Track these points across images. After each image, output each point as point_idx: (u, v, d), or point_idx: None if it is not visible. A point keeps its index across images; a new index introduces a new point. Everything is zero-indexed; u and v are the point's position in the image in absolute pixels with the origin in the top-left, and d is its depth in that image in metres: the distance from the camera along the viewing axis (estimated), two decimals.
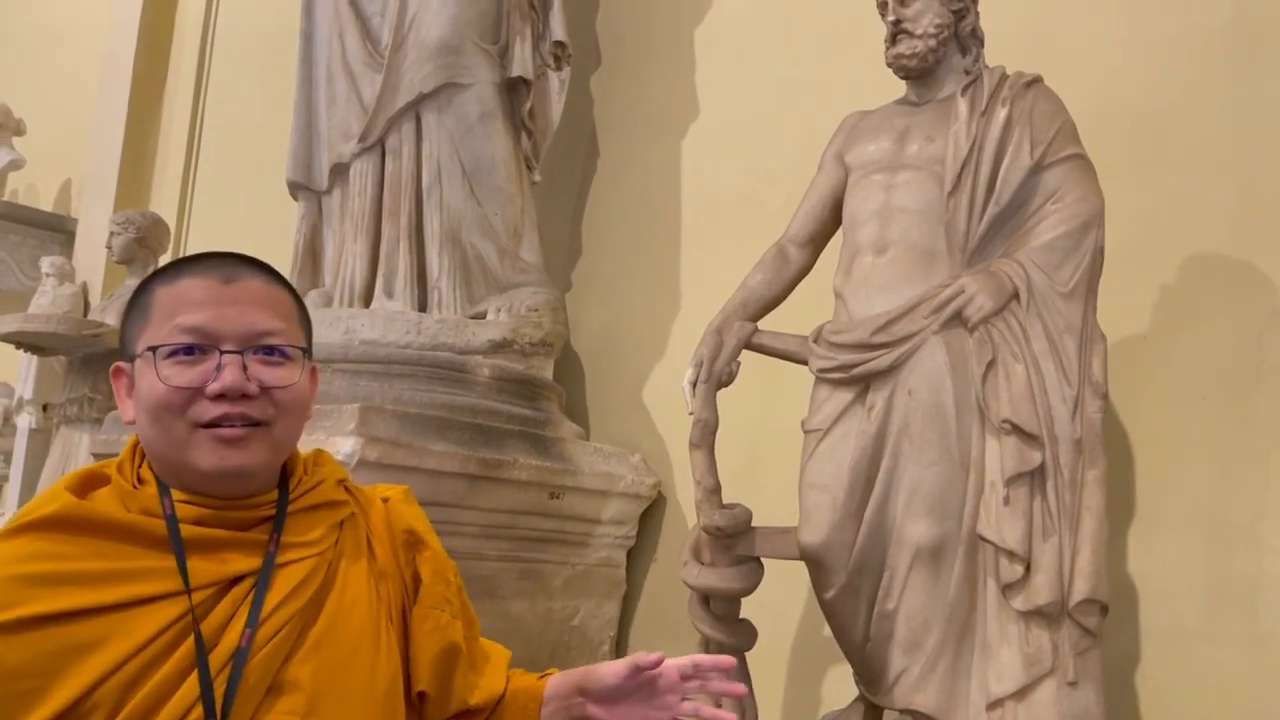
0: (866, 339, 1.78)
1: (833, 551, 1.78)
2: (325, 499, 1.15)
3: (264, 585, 1.06)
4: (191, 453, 1.05)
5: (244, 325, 1.07)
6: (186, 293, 1.08)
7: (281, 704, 1.04)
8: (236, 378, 1.04)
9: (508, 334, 2.63)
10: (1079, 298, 1.73)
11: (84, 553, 1.02)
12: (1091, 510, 1.68)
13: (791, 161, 2.39)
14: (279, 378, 1.08)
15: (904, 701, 1.75)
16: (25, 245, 4.77)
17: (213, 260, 1.11)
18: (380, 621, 1.12)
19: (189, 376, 1.05)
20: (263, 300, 1.09)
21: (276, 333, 1.08)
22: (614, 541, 2.67)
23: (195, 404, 1.04)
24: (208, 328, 1.06)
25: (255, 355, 1.07)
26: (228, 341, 1.06)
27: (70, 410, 3.47)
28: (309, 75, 2.82)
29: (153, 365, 1.05)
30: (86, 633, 0.99)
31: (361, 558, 1.14)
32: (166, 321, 1.06)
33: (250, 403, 1.06)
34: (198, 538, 1.06)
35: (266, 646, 1.04)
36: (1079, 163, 1.79)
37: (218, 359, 1.05)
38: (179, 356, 1.05)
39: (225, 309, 1.07)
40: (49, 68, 5.39)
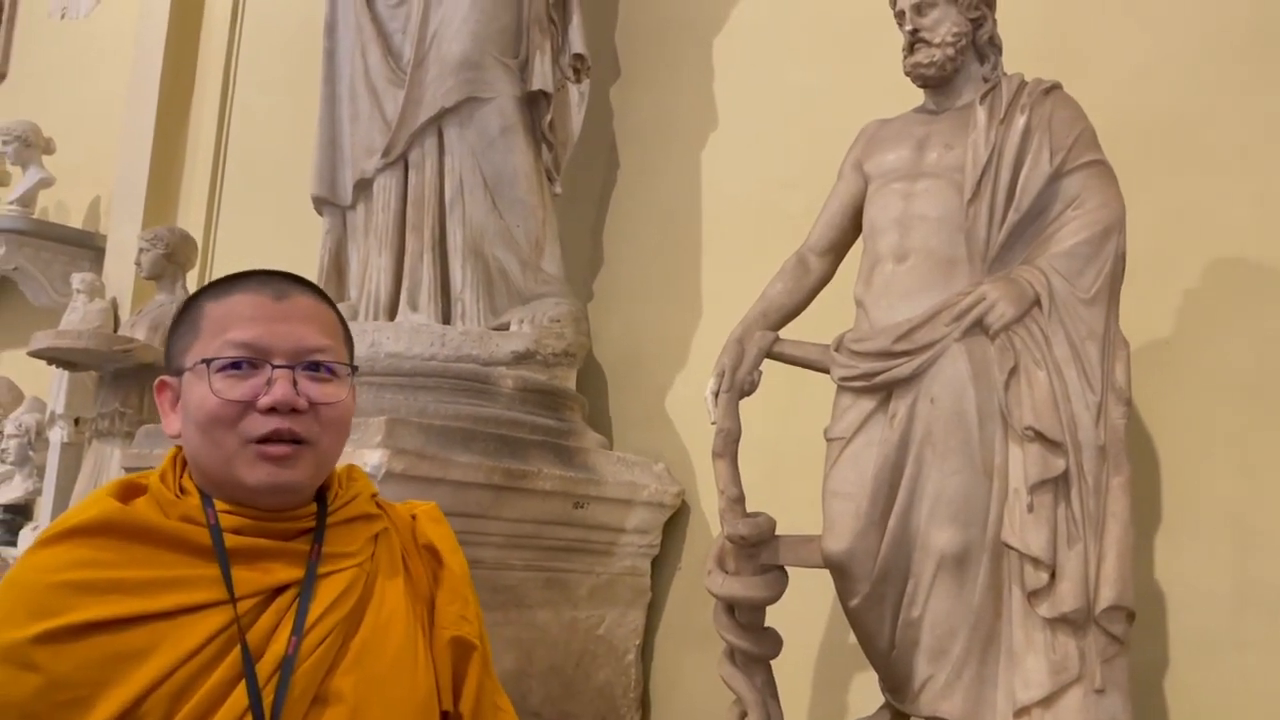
0: (888, 347, 1.78)
1: (857, 559, 1.78)
2: (361, 512, 1.16)
3: (308, 594, 1.07)
4: (239, 467, 1.06)
5: (294, 341, 1.08)
6: (238, 308, 1.09)
7: (326, 715, 1.05)
8: (287, 392, 1.06)
9: (530, 345, 2.65)
10: (1101, 304, 1.72)
11: (127, 560, 1.03)
12: (1116, 516, 1.67)
13: (810, 170, 2.40)
14: (327, 394, 1.09)
15: (930, 709, 1.75)
16: (56, 262, 4.85)
17: (263, 277, 1.13)
18: (416, 635, 1.13)
19: (241, 390, 1.06)
20: (312, 318, 1.11)
21: (325, 350, 1.10)
22: (638, 550, 2.68)
23: (246, 418, 1.06)
24: (259, 343, 1.07)
25: (304, 371, 1.08)
26: (278, 356, 1.07)
27: (102, 425, 3.52)
28: (332, 92, 2.86)
29: (204, 378, 1.06)
30: (134, 641, 0.99)
31: (398, 572, 1.15)
32: (218, 336, 1.08)
33: (298, 418, 1.07)
34: (241, 547, 1.07)
35: (312, 656, 1.05)
36: (1099, 168, 1.79)
37: (269, 373, 1.06)
38: (230, 371, 1.06)
39: (276, 325, 1.08)
40: (77, 88, 5.48)
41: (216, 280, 1.15)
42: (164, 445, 2.60)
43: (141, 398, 3.49)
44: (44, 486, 4.31)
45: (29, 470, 4.55)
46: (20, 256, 4.79)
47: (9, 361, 5.30)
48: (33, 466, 4.53)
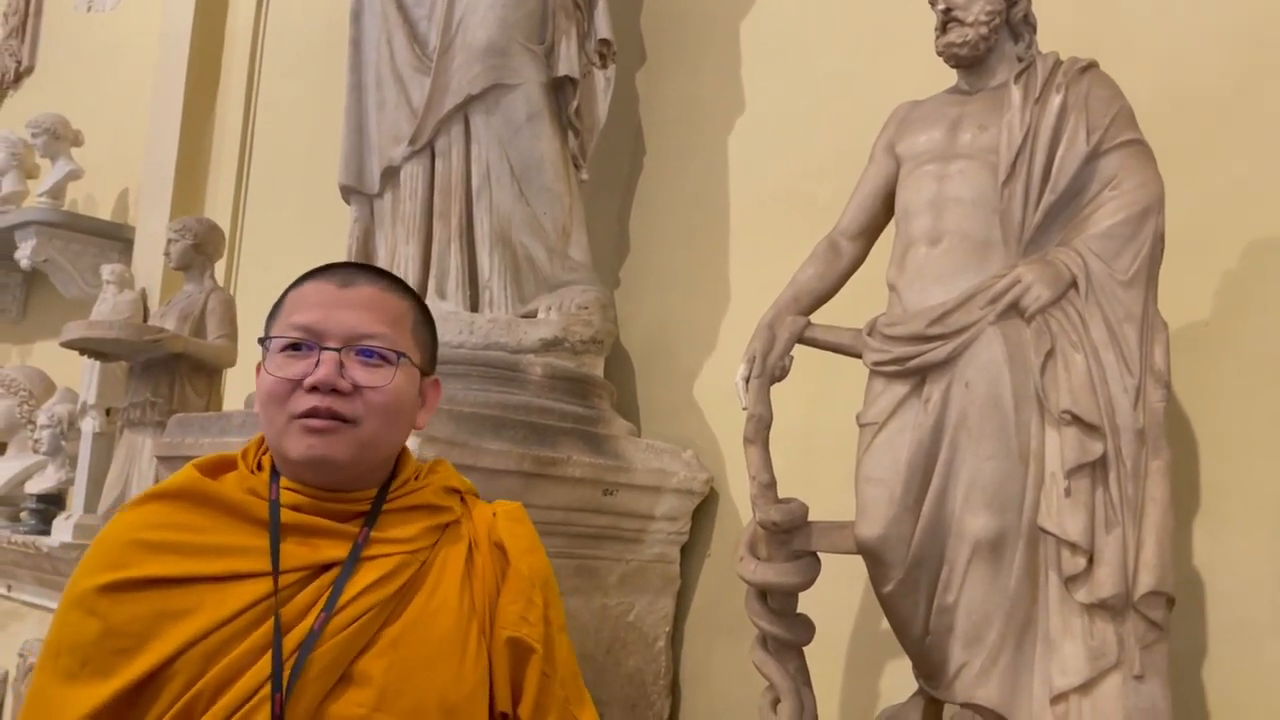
0: (922, 331, 1.76)
1: (890, 545, 1.77)
2: (425, 502, 1.19)
3: (345, 575, 1.10)
4: (286, 440, 1.12)
5: (347, 326, 1.14)
6: (305, 294, 1.17)
7: (351, 694, 1.07)
8: (329, 372, 1.11)
9: (558, 332, 2.64)
10: (1139, 286, 1.69)
11: (192, 524, 1.10)
12: (1156, 501, 1.65)
13: (840, 155, 2.37)
14: (372, 378, 1.13)
15: (965, 695, 1.74)
16: (86, 254, 4.89)
17: (339, 267, 1.20)
18: (470, 629, 1.15)
19: (293, 369, 1.12)
20: (371, 305, 1.16)
21: (377, 336, 1.15)
22: (667, 538, 2.67)
23: (294, 395, 1.12)
24: (316, 326, 1.13)
25: (354, 355, 1.13)
26: (331, 339, 1.13)
27: (133, 414, 3.54)
28: (358, 81, 2.86)
29: (267, 357, 1.14)
30: (181, 600, 1.06)
31: (459, 565, 1.17)
32: (285, 318, 1.16)
33: (341, 399, 1.11)
34: (295, 523, 1.12)
35: (340, 635, 1.07)
36: (1137, 148, 1.76)
37: (318, 354, 1.12)
38: (288, 351, 1.13)
39: (334, 310, 1.14)
40: (104, 81, 5.52)
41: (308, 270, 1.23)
42: (195, 434, 2.62)
43: (172, 387, 3.51)
44: (76, 476, 4.35)
45: (61, 460, 4.59)
46: (51, 249, 4.83)
47: (41, 353, 5.36)
48: (65, 456, 4.57)
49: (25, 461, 4.78)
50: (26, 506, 4.66)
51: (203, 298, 3.63)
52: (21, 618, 4.80)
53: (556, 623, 1.22)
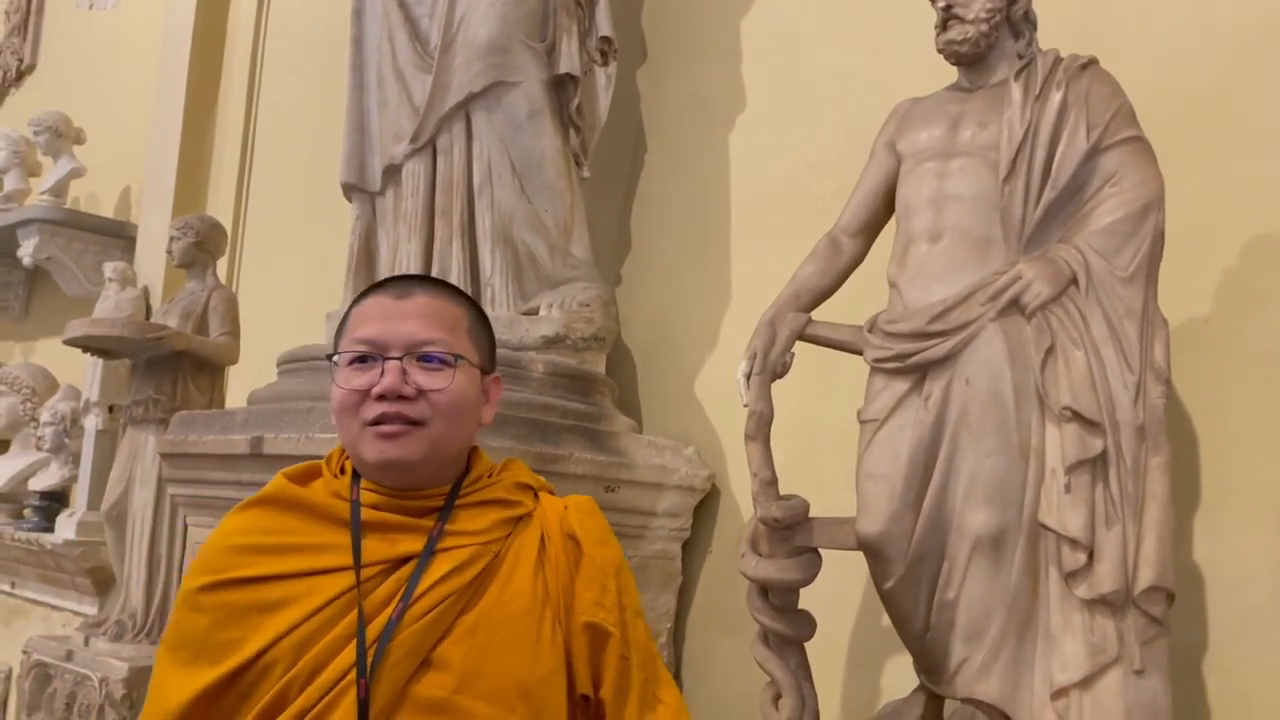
0: (922, 328, 1.77)
1: (891, 541, 1.77)
2: (497, 496, 1.27)
3: (422, 566, 1.19)
4: (361, 446, 1.21)
5: (406, 336, 1.21)
6: (366, 309, 1.25)
7: (431, 678, 1.15)
8: (394, 381, 1.19)
9: (560, 329, 2.65)
10: (1139, 282, 1.70)
11: (282, 527, 1.22)
12: (1156, 497, 1.65)
13: (841, 151, 2.38)
14: (434, 382, 1.21)
15: (966, 691, 1.74)
16: (88, 252, 4.90)
17: (395, 281, 1.29)
18: (544, 616, 1.22)
19: (360, 381, 1.21)
20: (427, 313, 1.24)
21: (435, 342, 1.22)
22: (669, 534, 2.68)
23: (364, 405, 1.20)
24: (377, 339, 1.22)
25: (416, 361, 1.21)
26: (393, 350, 1.21)
27: (136, 412, 3.55)
28: (360, 79, 2.86)
29: (337, 372, 1.23)
30: (273, 594, 1.17)
31: (532, 556, 1.24)
32: (349, 334, 1.24)
33: (407, 404, 1.20)
34: (374, 520, 1.21)
35: (419, 622, 1.16)
36: (1137, 145, 1.76)
37: (382, 365, 1.20)
38: (355, 365, 1.22)
39: (393, 322, 1.22)
40: (106, 79, 5.52)
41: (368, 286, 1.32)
42: (197, 431, 2.63)
43: (174, 384, 3.51)
44: (80, 473, 4.36)
45: (65, 457, 4.61)
46: (53, 246, 4.84)
47: (44, 350, 5.36)
48: (68, 454, 4.58)
49: (29, 459, 4.80)
50: (30, 504, 4.68)
51: (205, 295, 3.63)
52: (25, 614, 4.81)
53: (631, 608, 1.28)
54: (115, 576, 3.68)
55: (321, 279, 3.43)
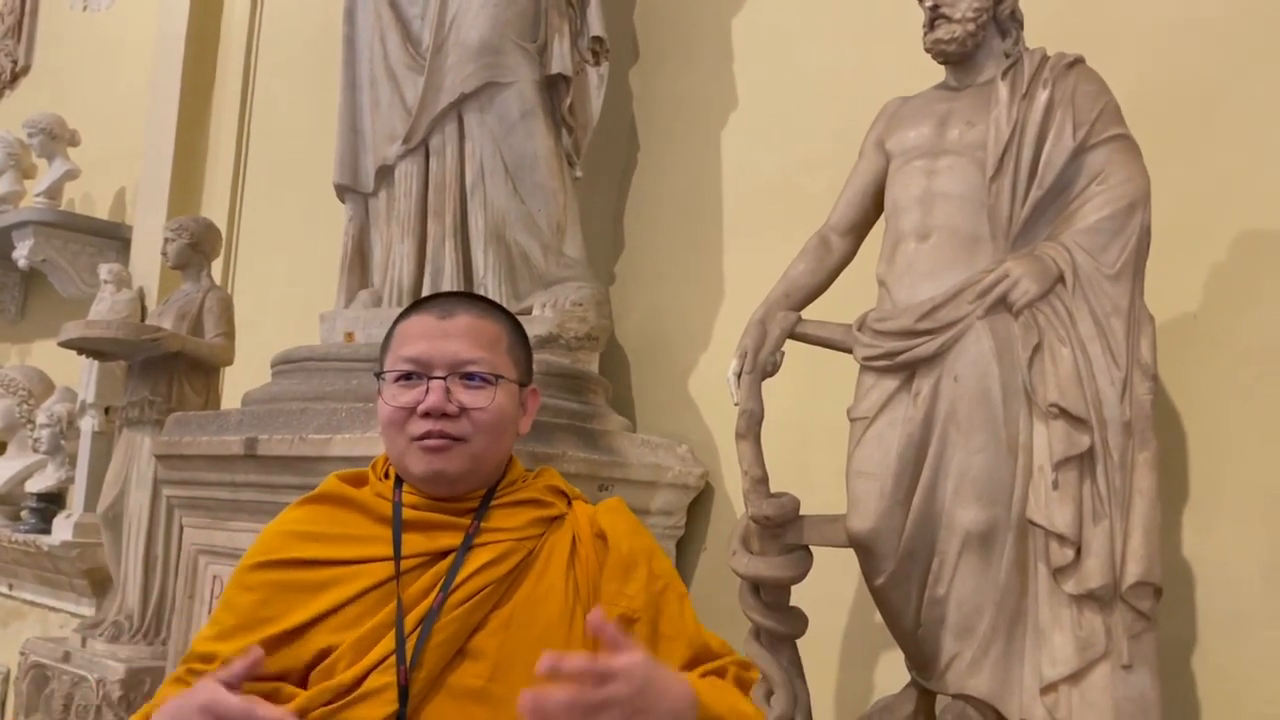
0: (911, 326, 1.78)
1: (881, 538, 1.78)
2: (530, 498, 1.34)
3: (460, 559, 1.26)
4: (408, 460, 1.29)
5: (450, 355, 1.28)
6: (411, 328, 1.32)
7: (468, 667, 1.22)
8: (439, 399, 1.26)
9: (553, 329, 2.66)
10: (1125, 279, 1.71)
11: (332, 520, 1.31)
12: (1143, 493, 1.66)
13: (833, 150, 2.39)
14: (476, 400, 1.28)
15: (957, 686, 1.75)
16: (84, 253, 4.90)
17: (438, 299, 1.36)
18: (575, 611, 1.28)
19: (406, 398, 1.28)
20: (470, 333, 1.30)
21: (478, 361, 1.29)
22: (663, 532, 2.69)
23: (410, 421, 1.28)
24: (422, 358, 1.28)
25: (458, 380, 1.28)
26: (437, 369, 1.28)
27: (132, 413, 3.56)
28: (352, 79, 2.87)
29: (383, 389, 1.29)
30: (318, 576, 1.25)
31: (564, 555, 1.31)
32: (395, 352, 1.31)
33: (450, 421, 1.27)
34: (415, 519, 1.29)
35: (456, 611, 1.22)
36: (1123, 143, 1.77)
37: (427, 384, 1.27)
38: (401, 382, 1.29)
39: (437, 341, 1.29)
40: (100, 80, 5.52)
41: (412, 303, 1.39)
42: (193, 432, 2.63)
43: (170, 386, 3.52)
44: (76, 475, 4.37)
45: (61, 459, 4.62)
46: (48, 248, 4.84)
47: (39, 352, 5.37)
48: (65, 455, 4.59)
49: (25, 460, 4.81)
50: (27, 505, 4.69)
51: (200, 296, 3.64)
52: (23, 616, 4.82)
53: (671, 594, 1.34)
54: (112, 578, 3.69)
55: (316, 280, 3.44)
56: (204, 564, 2.71)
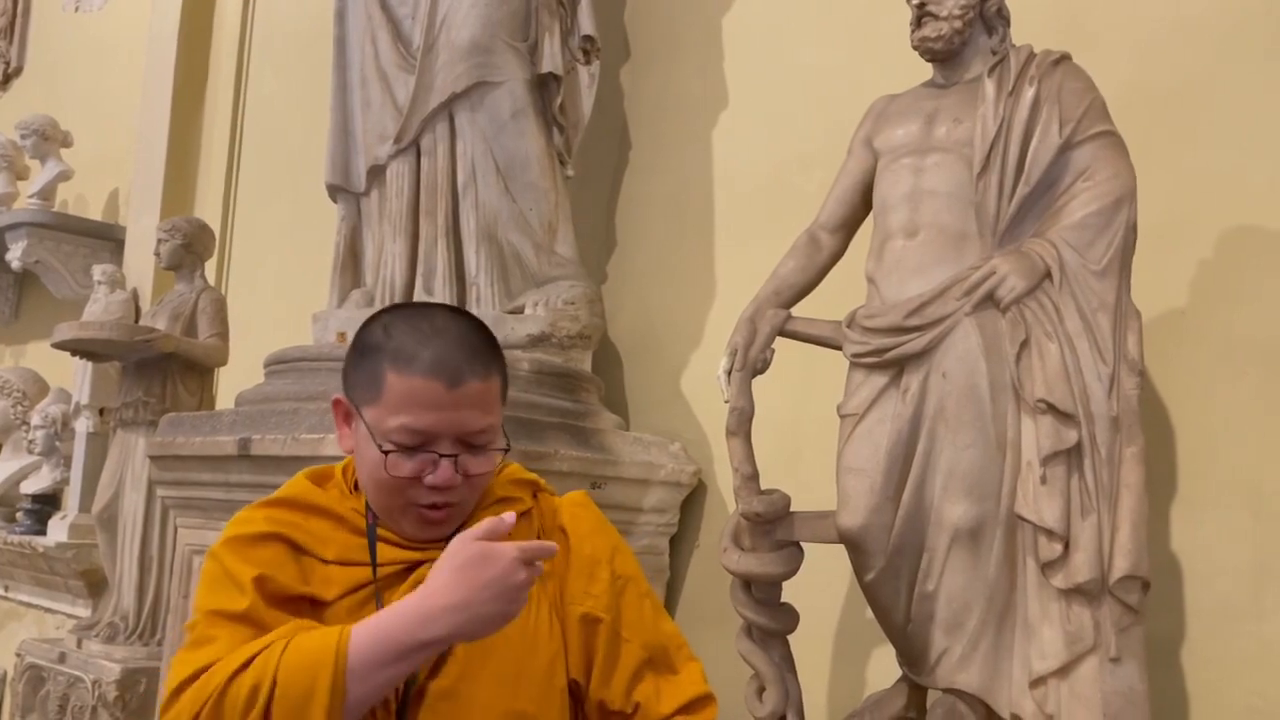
0: (900, 322, 1.79)
1: (872, 534, 1.79)
2: (495, 496, 1.31)
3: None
4: (403, 520, 1.24)
5: (460, 427, 1.20)
6: (416, 394, 1.20)
7: (444, 669, 1.19)
8: (449, 476, 1.20)
9: (545, 328, 2.66)
10: (1112, 275, 1.72)
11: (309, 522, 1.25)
12: (1130, 487, 1.68)
13: (823, 148, 2.39)
14: (482, 465, 1.23)
15: (947, 681, 1.77)
16: (77, 254, 4.90)
17: (441, 358, 1.21)
18: (541, 607, 1.25)
19: (409, 468, 1.20)
20: (478, 401, 1.22)
21: (487, 430, 1.22)
22: (656, 529, 2.70)
23: (413, 488, 1.21)
24: (431, 430, 1.19)
25: (464, 447, 1.21)
26: (445, 442, 1.20)
27: (126, 414, 3.56)
28: (343, 80, 2.87)
29: (379, 450, 1.20)
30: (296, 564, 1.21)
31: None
32: (395, 414, 1.20)
33: (455, 492, 1.22)
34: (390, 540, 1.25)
35: None
36: (1109, 139, 1.78)
37: (435, 457, 1.20)
38: (403, 453, 1.20)
39: (446, 413, 1.20)
40: (92, 81, 5.52)
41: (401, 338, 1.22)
42: (186, 433, 2.64)
43: (164, 386, 3.52)
44: (71, 476, 4.37)
45: (56, 460, 4.62)
46: (42, 250, 4.84)
47: (34, 354, 5.37)
48: (60, 457, 4.59)
49: (20, 462, 4.81)
50: (22, 507, 4.69)
51: (194, 297, 3.64)
52: (19, 617, 4.82)
53: (633, 592, 1.30)
54: (107, 579, 3.69)
55: (309, 279, 3.44)
56: (198, 564, 2.71)
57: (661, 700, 1.27)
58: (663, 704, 1.26)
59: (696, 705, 1.28)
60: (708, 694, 1.30)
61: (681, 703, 1.27)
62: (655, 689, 1.27)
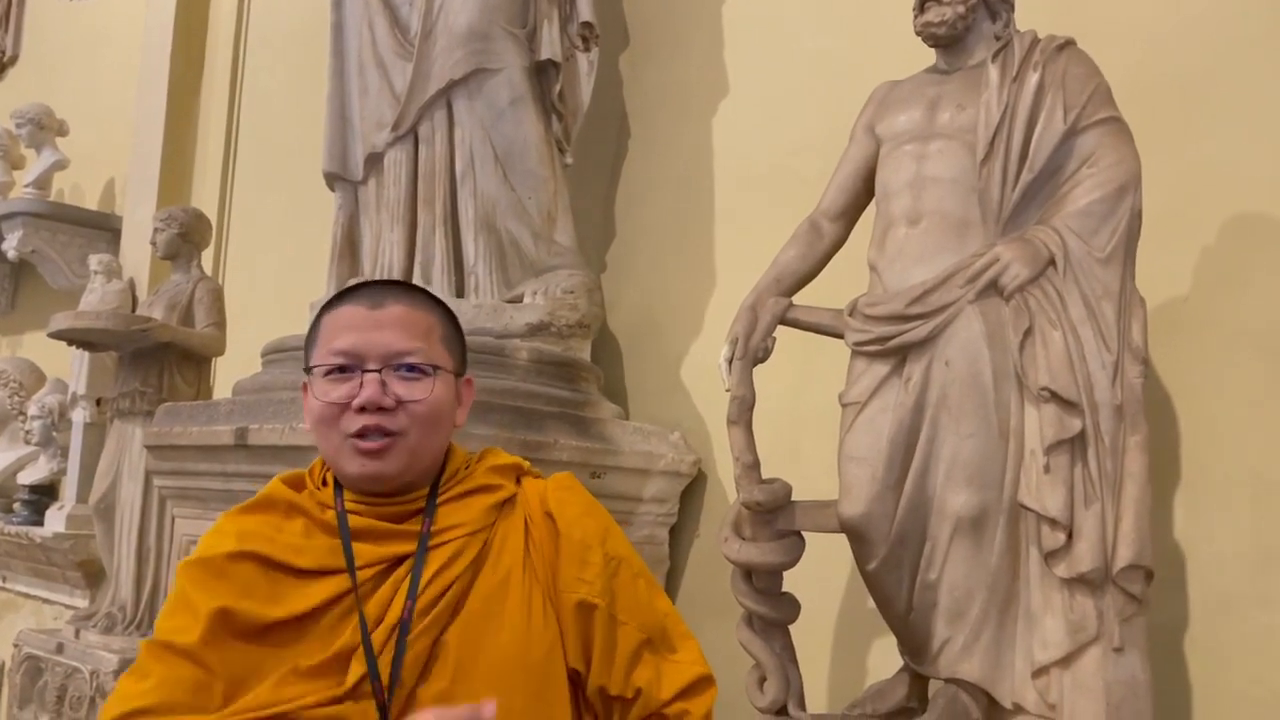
0: (902, 310, 1.77)
1: (873, 523, 1.78)
2: (476, 485, 1.28)
3: (419, 567, 1.19)
4: (343, 459, 1.22)
5: (384, 347, 1.21)
6: (340, 319, 1.23)
7: (435, 670, 1.17)
8: (374, 393, 1.19)
9: (544, 317, 2.65)
10: (1116, 263, 1.71)
11: (288, 529, 1.23)
12: (1134, 476, 1.66)
13: (824, 135, 2.37)
14: (413, 392, 1.21)
15: (949, 671, 1.76)
16: (73, 244, 4.88)
17: (366, 288, 1.27)
18: (533, 596, 1.23)
19: (339, 393, 1.20)
20: (403, 323, 1.23)
21: (414, 352, 1.22)
22: (656, 519, 2.69)
23: (344, 417, 1.20)
24: (354, 350, 1.21)
25: (395, 373, 1.21)
26: (371, 361, 1.20)
27: (123, 404, 3.55)
28: (341, 67, 2.85)
29: (314, 383, 1.22)
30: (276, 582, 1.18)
31: (519, 539, 1.26)
32: (325, 345, 1.23)
33: (387, 415, 1.19)
34: (362, 528, 1.22)
35: (425, 619, 1.17)
36: (1114, 126, 1.77)
37: (361, 377, 1.20)
38: (333, 376, 1.21)
39: (370, 333, 1.21)
40: (88, 70, 5.49)
41: (335, 294, 1.29)
42: (183, 423, 2.62)
43: (161, 376, 3.51)
44: (68, 466, 4.36)
45: (53, 451, 4.61)
46: (38, 239, 4.82)
47: (30, 344, 5.35)
48: (56, 447, 4.58)
49: (17, 452, 4.79)
50: (19, 497, 4.68)
51: (190, 287, 3.63)
52: (17, 608, 4.82)
53: (626, 574, 1.28)
54: (105, 569, 3.68)
55: (306, 269, 3.42)
56: None
57: (662, 685, 1.25)
58: (663, 689, 1.25)
59: (696, 688, 1.26)
60: (707, 675, 1.28)
61: (680, 686, 1.26)
62: (655, 672, 1.25)
